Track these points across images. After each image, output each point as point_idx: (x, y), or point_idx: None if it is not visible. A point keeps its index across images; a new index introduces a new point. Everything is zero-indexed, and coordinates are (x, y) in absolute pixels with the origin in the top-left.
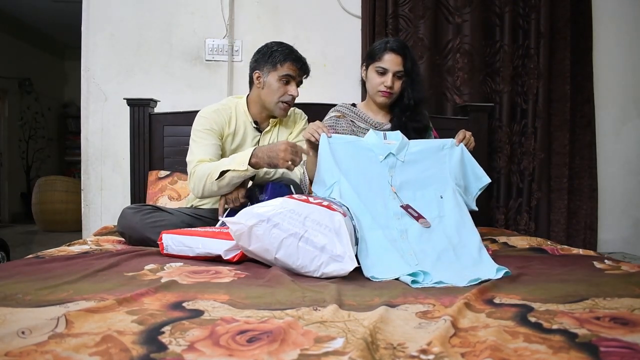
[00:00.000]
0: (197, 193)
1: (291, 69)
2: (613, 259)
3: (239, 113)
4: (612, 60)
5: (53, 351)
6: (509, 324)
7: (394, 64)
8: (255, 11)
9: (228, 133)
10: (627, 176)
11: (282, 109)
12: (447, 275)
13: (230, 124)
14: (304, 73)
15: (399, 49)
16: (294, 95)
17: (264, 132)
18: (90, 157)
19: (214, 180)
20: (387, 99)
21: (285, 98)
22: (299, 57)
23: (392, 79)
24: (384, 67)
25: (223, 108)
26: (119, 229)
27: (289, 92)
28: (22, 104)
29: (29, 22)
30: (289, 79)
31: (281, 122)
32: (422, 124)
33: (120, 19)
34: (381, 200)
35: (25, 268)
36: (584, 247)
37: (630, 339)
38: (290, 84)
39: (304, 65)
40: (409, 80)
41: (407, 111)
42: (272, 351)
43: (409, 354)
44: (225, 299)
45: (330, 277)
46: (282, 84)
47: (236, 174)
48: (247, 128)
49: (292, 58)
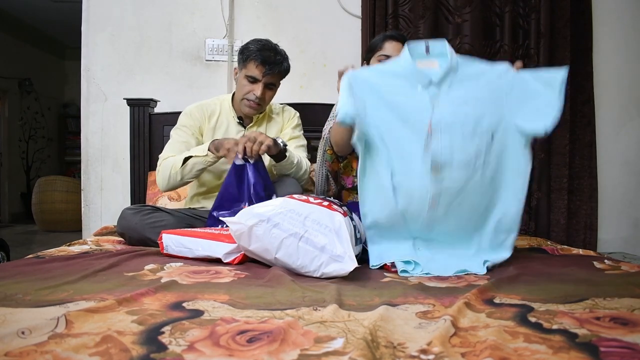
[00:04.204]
0: (163, 186)
1: (254, 70)
2: (613, 259)
3: (224, 108)
4: (612, 60)
5: (53, 351)
6: (509, 324)
7: (396, 50)
8: (255, 11)
9: (208, 127)
10: (627, 176)
11: (246, 106)
12: (437, 266)
13: (211, 118)
14: (271, 74)
15: (398, 36)
16: (257, 95)
17: (248, 127)
18: (90, 157)
19: (178, 169)
20: None
21: (249, 97)
22: (265, 59)
23: None
24: (386, 54)
25: (207, 103)
26: (118, 229)
27: (253, 91)
28: (22, 104)
29: (29, 22)
30: (253, 79)
31: (269, 119)
32: None
33: (120, 19)
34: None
35: (25, 268)
36: (584, 247)
37: (630, 339)
38: (256, 84)
39: (269, 66)
40: None
41: None
42: (272, 351)
43: (409, 353)
44: (225, 299)
45: (330, 277)
46: (248, 82)
47: (198, 160)
48: (231, 123)
49: (257, 58)
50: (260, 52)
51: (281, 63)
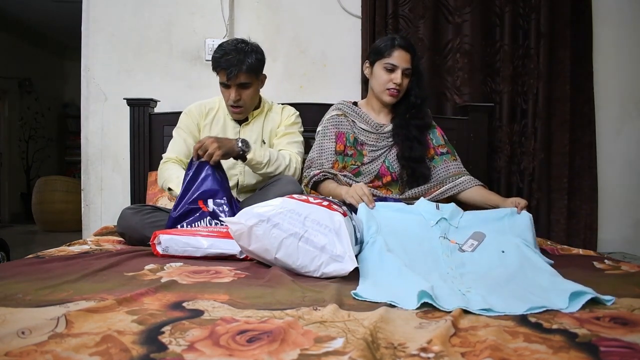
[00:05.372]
0: (159, 186)
1: (223, 77)
2: (613, 259)
3: (222, 106)
4: (612, 60)
5: (53, 351)
6: (509, 324)
7: (404, 61)
8: (255, 11)
9: (204, 124)
10: (627, 176)
11: (232, 111)
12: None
13: (208, 115)
14: (235, 77)
15: (408, 46)
16: (232, 99)
17: (243, 125)
18: (90, 157)
19: (166, 189)
20: (395, 98)
21: (229, 102)
22: (225, 65)
23: (401, 76)
24: (393, 63)
25: (207, 101)
26: (118, 229)
27: (229, 96)
28: (22, 104)
29: (29, 22)
30: (225, 85)
31: (266, 116)
32: (425, 121)
33: (120, 19)
34: (432, 258)
35: (25, 268)
36: (584, 247)
37: (630, 339)
38: (229, 89)
39: (232, 69)
40: (415, 78)
41: (412, 109)
42: (272, 351)
43: (410, 353)
44: (225, 299)
45: (330, 277)
46: (224, 88)
47: (172, 193)
48: (226, 121)
49: (220, 66)
50: (221, 59)
51: (243, 61)
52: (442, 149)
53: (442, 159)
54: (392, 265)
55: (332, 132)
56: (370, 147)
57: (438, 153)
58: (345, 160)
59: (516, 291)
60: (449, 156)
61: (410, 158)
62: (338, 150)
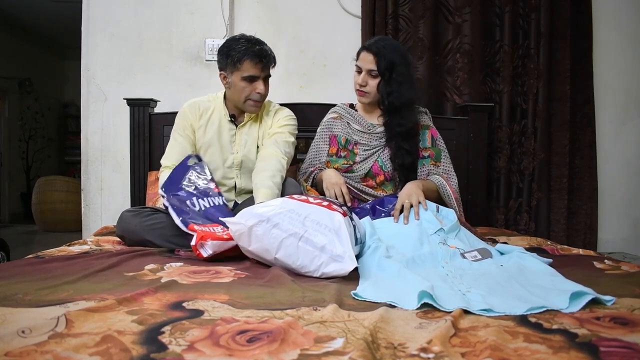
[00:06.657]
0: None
1: (251, 68)
2: (613, 259)
3: (217, 107)
4: (612, 60)
5: (53, 351)
6: (509, 324)
7: (367, 62)
8: (255, 11)
9: (199, 125)
10: (627, 176)
11: (251, 105)
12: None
13: (203, 116)
14: (267, 67)
15: (371, 47)
16: (262, 93)
17: (240, 125)
18: (90, 157)
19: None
20: (362, 97)
21: (254, 97)
22: (256, 53)
23: (363, 77)
24: (358, 65)
25: (201, 101)
26: (118, 232)
27: (256, 90)
28: (22, 104)
29: (29, 22)
30: (252, 78)
31: (261, 119)
32: (406, 127)
33: (120, 19)
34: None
35: (25, 268)
36: (584, 247)
37: (630, 339)
38: (256, 82)
39: (265, 59)
40: (384, 81)
41: (392, 112)
42: (272, 351)
43: (410, 353)
44: (225, 299)
45: (330, 277)
46: (247, 82)
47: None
48: (222, 121)
49: (249, 56)
50: (251, 49)
51: (271, 52)
52: (426, 152)
53: (421, 163)
54: (391, 267)
55: (327, 135)
56: (364, 147)
57: (420, 156)
58: (337, 161)
59: (516, 291)
60: (428, 160)
61: (402, 166)
62: (330, 153)
